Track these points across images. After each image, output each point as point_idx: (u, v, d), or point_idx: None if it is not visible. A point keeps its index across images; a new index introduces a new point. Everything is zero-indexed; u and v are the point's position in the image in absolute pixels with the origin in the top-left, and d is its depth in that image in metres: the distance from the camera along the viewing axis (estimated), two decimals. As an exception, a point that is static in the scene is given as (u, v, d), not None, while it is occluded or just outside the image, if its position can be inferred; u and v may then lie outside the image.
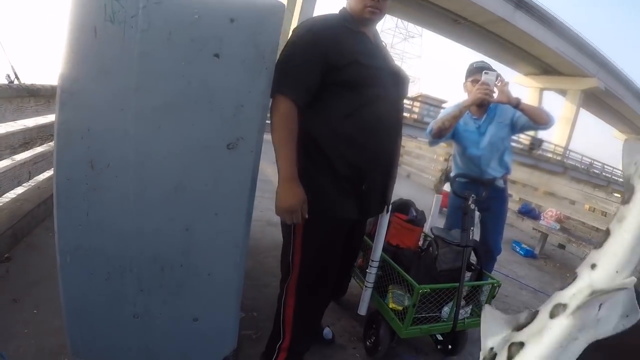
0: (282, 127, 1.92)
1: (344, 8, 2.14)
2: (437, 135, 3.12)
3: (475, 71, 3.11)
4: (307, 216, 1.95)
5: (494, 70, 2.98)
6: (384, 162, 2.15)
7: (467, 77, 3.21)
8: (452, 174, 3.44)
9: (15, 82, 3.50)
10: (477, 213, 2.71)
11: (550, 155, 34.12)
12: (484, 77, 2.87)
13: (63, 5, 1.74)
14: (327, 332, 2.75)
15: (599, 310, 0.93)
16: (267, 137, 1.93)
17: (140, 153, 1.78)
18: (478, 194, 2.71)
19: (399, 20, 40.27)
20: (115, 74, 1.70)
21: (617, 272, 0.91)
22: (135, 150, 1.78)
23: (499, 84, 2.88)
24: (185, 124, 1.77)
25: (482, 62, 3.19)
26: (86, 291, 1.94)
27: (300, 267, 2.13)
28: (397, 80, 2.14)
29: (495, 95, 2.87)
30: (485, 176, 3.13)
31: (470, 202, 2.60)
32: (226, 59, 1.74)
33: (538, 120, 2.90)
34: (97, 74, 1.69)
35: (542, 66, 37.13)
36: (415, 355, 2.80)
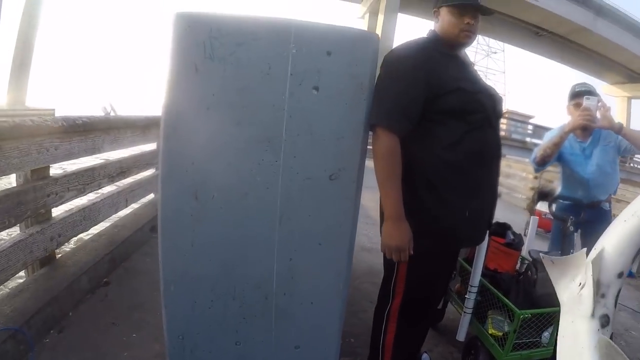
0: (386, 161, 1.85)
1: (433, 32, 2.06)
2: (541, 163, 3.06)
3: (577, 95, 2.99)
4: (412, 253, 1.89)
5: (596, 95, 2.85)
6: (489, 187, 2.10)
7: (569, 100, 3.09)
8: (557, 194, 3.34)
9: (112, 113, 3.65)
10: (575, 235, 2.58)
11: None
12: (585, 103, 2.75)
13: (161, 42, 1.79)
14: (425, 357, 2.70)
15: None
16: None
17: (243, 185, 1.81)
18: (577, 216, 2.58)
19: (480, 36, 39.63)
20: (217, 108, 1.74)
21: None
22: (238, 182, 1.81)
23: (601, 109, 2.74)
24: (287, 156, 1.79)
25: (584, 84, 3.05)
26: (189, 318, 1.99)
27: (404, 294, 2.09)
28: (494, 102, 2.05)
29: (597, 121, 2.74)
30: (591, 199, 3.00)
31: (569, 224, 2.48)
32: (325, 91, 1.75)
33: None
34: (198, 109, 1.74)
35: (629, 74, 35.25)
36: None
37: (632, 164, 30.37)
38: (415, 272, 2.03)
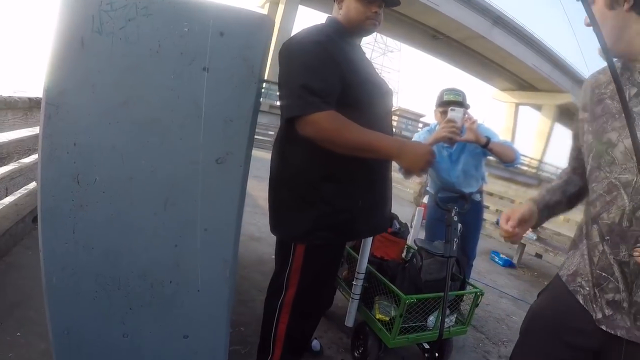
0: (346, 129, 1.71)
1: (334, 19, 2.03)
2: (407, 174, 3.00)
3: (445, 104, 2.98)
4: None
5: (465, 105, 2.91)
6: (386, 179, 2.10)
7: (436, 105, 3.10)
8: (428, 188, 3.38)
9: None
10: (459, 225, 2.62)
11: (525, 168, 34.53)
12: (450, 114, 2.69)
13: (46, 15, 1.62)
14: (315, 343, 2.67)
15: None
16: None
17: (128, 168, 1.72)
18: (460, 207, 2.63)
19: (378, 34, 40.78)
20: (103, 86, 1.63)
21: None
22: (122, 165, 1.71)
23: (467, 121, 2.75)
24: (173, 139, 1.72)
25: (453, 91, 3.01)
26: (73, 311, 1.86)
27: (297, 286, 2.04)
28: (386, 95, 2.03)
29: (462, 134, 2.72)
30: (463, 192, 3.06)
31: (453, 214, 2.52)
32: (215, 72, 1.69)
33: (505, 159, 2.88)
34: (83, 87, 1.62)
35: (519, 82, 37.84)
36: (403, 365, 2.71)
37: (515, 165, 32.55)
38: (311, 264, 2.01)
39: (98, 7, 1.55)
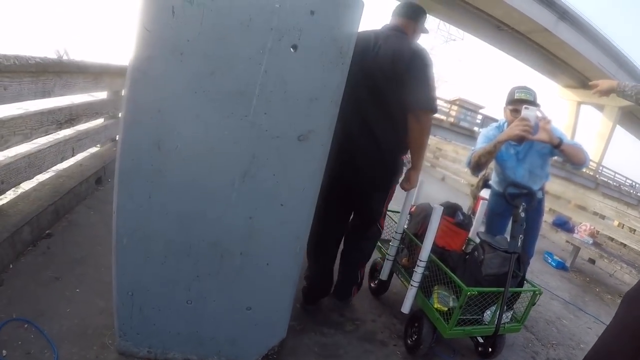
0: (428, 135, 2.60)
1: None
2: (476, 170, 3.10)
3: (516, 101, 2.98)
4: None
5: (537, 105, 2.90)
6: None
7: (507, 103, 3.09)
8: (491, 182, 3.42)
9: (65, 57, 3.47)
10: (524, 221, 2.68)
11: (583, 170, 33.82)
12: (523, 113, 2.73)
13: None
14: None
15: None
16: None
17: (210, 138, 1.82)
18: (527, 203, 2.68)
19: (441, 21, 40.19)
20: (191, 56, 1.72)
21: None
22: (205, 135, 1.81)
23: (540, 121, 2.77)
24: (258, 112, 1.81)
25: (525, 90, 3.01)
26: (140, 274, 1.99)
27: None
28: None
29: (535, 133, 2.74)
30: (531, 189, 3.09)
31: (520, 210, 2.58)
32: (304, 51, 1.77)
33: (575, 161, 2.88)
34: (172, 55, 1.71)
35: (582, 79, 36.76)
36: (452, 356, 2.86)
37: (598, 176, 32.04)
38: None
39: None
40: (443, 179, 12.10)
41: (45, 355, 2.03)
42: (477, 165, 3.01)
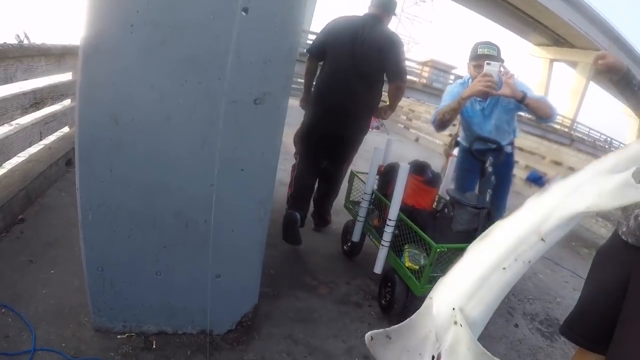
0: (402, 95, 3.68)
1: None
2: (440, 127, 3.17)
3: (479, 57, 3.02)
4: None
5: (500, 60, 2.95)
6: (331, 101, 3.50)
7: (470, 59, 3.14)
8: (460, 139, 3.48)
9: (25, 41, 3.50)
10: (492, 177, 2.76)
11: (557, 126, 34.16)
12: (486, 68, 2.79)
13: None
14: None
15: None
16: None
17: (166, 107, 1.86)
18: (495, 157, 2.76)
19: None
20: (141, 26, 1.74)
21: None
22: (160, 105, 1.85)
23: (503, 76, 2.82)
24: (212, 78, 1.85)
25: (488, 44, 3.05)
26: (108, 249, 2.04)
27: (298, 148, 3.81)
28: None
29: (498, 88, 2.81)
30: (499, 143, 3.17)
31: (487, 164, 2.66)
32: (255, 13, 1.80)
33: (541, 114, 2.94)
34: (122, 27, 1.73)
35: (554, 37, 37.01)
36: (428, 315, 2.90)
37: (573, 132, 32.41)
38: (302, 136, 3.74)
39: None
40: (417, 139, 12.25)
41: (23, 337, 2.09)
42: (441, 123, 3.08)
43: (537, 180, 7.03)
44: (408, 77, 3.84)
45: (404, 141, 11.46)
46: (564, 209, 1.00)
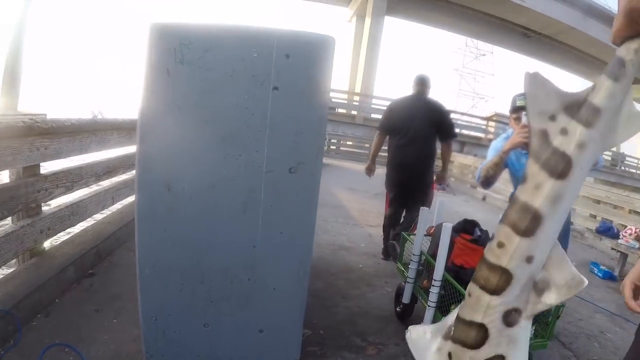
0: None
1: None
2: (485, 184, 3.12)
3: (518, 109, 3.03)
4: None
5: None
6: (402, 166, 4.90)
7: (510, 112, 3.14)
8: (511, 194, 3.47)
9: (99, 116, 4.04)
10: None
11: (633, 170, 31.95)
12: (524, 120, 2.78)
13: (138, 49, 2.08)
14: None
15: None
16: (341, 163, 2.18)
17: (210, 177, 2.12)
18: None
19: (469, 38, 39.76)
20: (187, 108, 2.05)
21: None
22: (206, 175, 2.12)
23: None
24: (250, 151, 2.09)
25: (525, 96, 3.03)
26: (162, 301, 2.29)
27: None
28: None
29: None
30: None
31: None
32: (284, 90, 2.05)
33: None
34: (171, 109, 2.05)
35: None
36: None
37: (622, 167, 30.25)
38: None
39: (178, 41, 1.95)
40: (484, 198, 11.88)
41: (82, 377, 2.38)
42: (486, 179, 3.07)
43: (607, 232, 6.62)
44: (474, 134, 5.29)
45: (471, 200, 11.23)
46: None
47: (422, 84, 4.81)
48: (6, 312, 2.57)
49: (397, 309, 3.57)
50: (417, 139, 4.65)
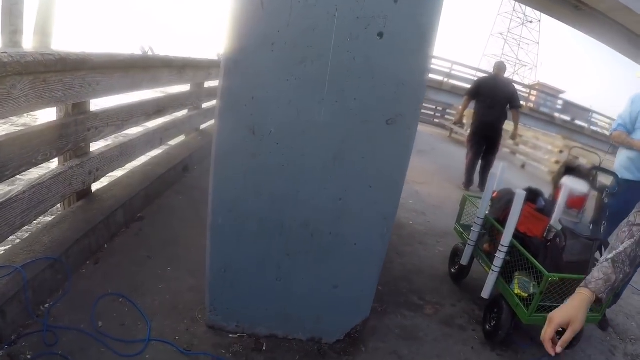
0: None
1: None
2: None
3: None
4: None
5: None
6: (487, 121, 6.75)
7: None
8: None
9: (150, 53, 3.84)
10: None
11: None
12: None
13: None
14: None
15: None
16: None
17: (302, 122, 1.98)
18: (612, 188, 2.70)
19: (517, 3, 39.27)
20: (282, 45, 1.87)
21: None
22: (297, 120, 1.97)
23: None
24: (347, 98, 1.95)
25: None
26: (234, 252, 2.18)
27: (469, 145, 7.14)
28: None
29: None
30: None
31: (604, 195, 2.60)
32: (389, 37, 1.89)
33: None
34: (262, 45, 1.87)
35: None
36: (530, 344, 2.88)
37: None
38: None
39: None
40: (523, 166, 11.84)
41: (138, 327, 2.28)
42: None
43: None
44: None
45: (510, 167, 11.10)
46: None
47: (499, 69, 6.78)
48: (55, 259, 2.41)
49: (452, 270, 3.55)
50: (497, 106, 6.50)
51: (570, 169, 3.48)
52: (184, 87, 4.99)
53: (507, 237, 2.71)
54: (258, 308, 2.28)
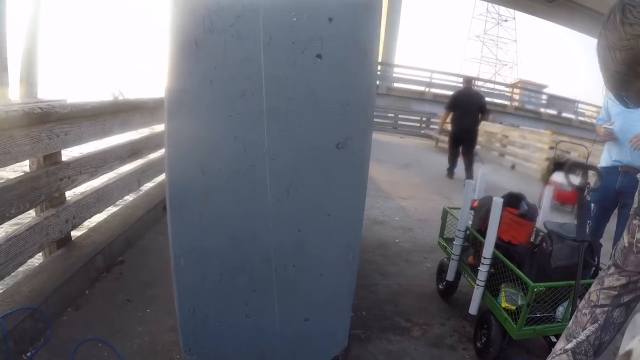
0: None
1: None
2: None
3: None
4: None
5: None
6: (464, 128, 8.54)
7: None
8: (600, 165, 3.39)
9: (120, 98, 3.85)
10: (592, 205, 2.56)
11: None
12: None
13: (158, 21, 1.83)
14: None
15: None
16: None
17: (250, 157, 1.89)
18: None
19: (490, 4, 39.02)
20: (220, 81, 1.81)
21: None
22: (244, 154, 1.89)
23: None
24: (292, 126, 1.86)
25: None
26: (200, 292, 2.10)
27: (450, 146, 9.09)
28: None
29: None
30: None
31: (585, 193, 2.45)
32: (328, 58, 1.80)
33: None
34: (201, 83, 1.81)
35: None
36: (526, 358, 2.73)
37: None
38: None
39: (206, 8, 1.71)
40: (513, 166, 11.65)
41: (118, 371, 2.23)
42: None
43: None
44: (498, 101, 7.86)
45: (500, 169, 10.92)
46: None
47: (469, 82, 8.64)
48: (35, 309, 2.40)
49: (440, 287, 3.41)
50: (469, 114, 8.10)
51: (559, 165, 3.34)
52: (160, 127, 4.92)
53: (488, 248, 2.58)
54: (231, 346, 2.19)
